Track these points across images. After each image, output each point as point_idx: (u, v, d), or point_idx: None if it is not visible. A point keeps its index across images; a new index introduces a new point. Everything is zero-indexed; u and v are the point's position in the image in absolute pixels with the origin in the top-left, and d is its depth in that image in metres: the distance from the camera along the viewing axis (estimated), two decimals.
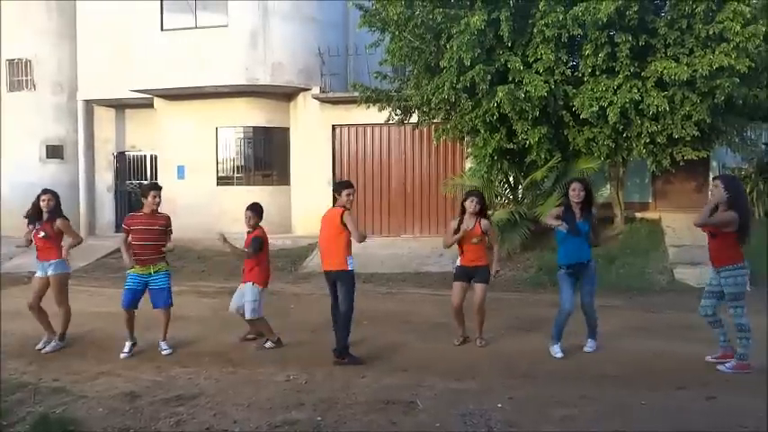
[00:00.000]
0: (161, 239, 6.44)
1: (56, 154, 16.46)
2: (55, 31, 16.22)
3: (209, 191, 14.41)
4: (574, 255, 6.03)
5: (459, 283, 6.49)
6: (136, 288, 6.42)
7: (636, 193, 14.05)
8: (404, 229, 14.25)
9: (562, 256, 6.10)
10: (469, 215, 6.41)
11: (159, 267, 6.46)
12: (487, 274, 6.48)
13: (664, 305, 8.35)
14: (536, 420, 4.56)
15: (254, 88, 14.10)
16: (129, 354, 6.45)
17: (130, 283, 6.42)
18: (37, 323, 6.76)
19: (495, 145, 10.82)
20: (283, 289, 10.27)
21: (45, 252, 6.60)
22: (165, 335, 6.59)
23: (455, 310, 6.50)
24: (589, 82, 10.24)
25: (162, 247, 6.45)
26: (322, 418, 4.67)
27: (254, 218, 6.76)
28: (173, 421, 4.67)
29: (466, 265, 6.47)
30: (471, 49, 9.69)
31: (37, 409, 4.91)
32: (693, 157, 10.69)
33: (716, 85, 9.55)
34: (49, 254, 6.59)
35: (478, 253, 6.44)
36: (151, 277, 6.43)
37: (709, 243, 5.65)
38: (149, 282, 6.44)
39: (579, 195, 6.00)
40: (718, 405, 4.81)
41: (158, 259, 6.45)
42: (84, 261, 12.61)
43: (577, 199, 6.01)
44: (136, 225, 6.42)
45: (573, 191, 6.03)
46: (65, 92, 16.31)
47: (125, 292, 6.44)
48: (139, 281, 6.42)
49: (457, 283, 6.51)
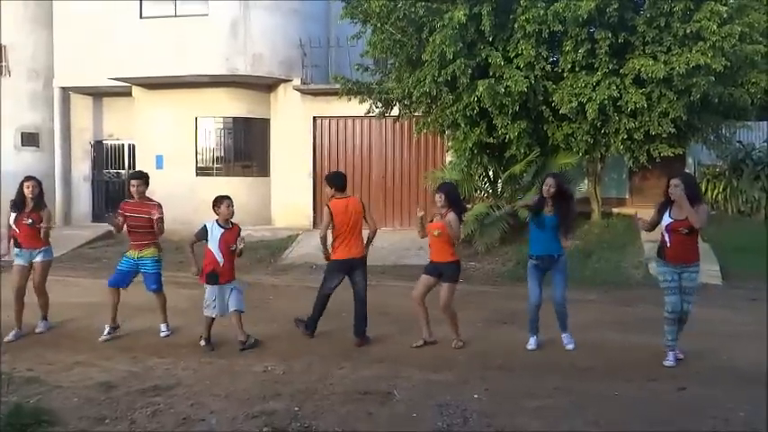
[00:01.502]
0: (148, 226, 6.52)
1: (31, 142, 16.18)
2: (31, 16, 15.90)
3: (188, 181, 14.28)
4: (543, 246, 6.10)
5: (425, 276, 6.31)
6: (123, 269, 6.57)
7: (613, 189, 14.23)
8: (384, 222, 14.25)
9: (531, 247, 6.20)
10: (438, 208, 6.27)
11: (146, 253, 6.54)
12: (454, 273, 6.24)
13: (638, 299, 8.48)
14: (511, 411, 4.63)
15: (234, 78, 13.99)
16: (108, 338, 6.50)
17: (121, 264, 6.61)
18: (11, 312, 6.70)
19: (476, 139, 10.88)
20: (262, 280, 10.26)
21: (31, 240, 6.64)
22: (164, 317, 6.70)
23: (414, 303, 6.32)
24: (569, 78, 10.34)
25: (151, 234, 6.56)
26: (299, 408, 4.68)
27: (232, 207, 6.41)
28: (149, 411, 4.65)
29: (433, 260, 6.30)
30: (453, 43, 9.72)
31: (11, 399, 4.85)
32: (670, 153, 10.84)
33: (692, 83, 9.70)
34: (35, 241, 6.66)
35: (441, 248, 6.20)
36: (139, 261, 6.55)
37: (681, 241, 5.53)
38: (139, 265, 6.56)
39: (549, 191, 6.01)
40: (689, 396, 4.92)
41: (147, 245, 6.56)
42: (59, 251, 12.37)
43: (547, 194, 6.02)
44: (127, 211, 6.57)
45: (545, 185, 6.06)
46: (41, 79, 16.01)
47: (115, 272, 6.61)
48: (129, 263, 6.58)
49: (422, 276, 6.35)
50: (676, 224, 5.53)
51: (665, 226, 5.61)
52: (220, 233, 6.19)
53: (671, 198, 5.52)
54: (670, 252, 5.61)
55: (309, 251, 11.90)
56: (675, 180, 5.53)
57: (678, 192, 5.44)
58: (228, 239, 6.20)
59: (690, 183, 5.61)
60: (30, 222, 6.58)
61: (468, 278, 10.05)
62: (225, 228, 6.24)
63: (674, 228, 5.54)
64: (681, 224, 5.50)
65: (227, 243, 6.19)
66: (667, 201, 5.60)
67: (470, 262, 10.99)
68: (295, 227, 13.92)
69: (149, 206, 6.58)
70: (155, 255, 6.62)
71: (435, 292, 6.30)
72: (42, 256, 6.71)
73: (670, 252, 5.61)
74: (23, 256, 6.68)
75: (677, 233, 5.54)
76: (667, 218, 5.59)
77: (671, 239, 5.58)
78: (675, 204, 5.53)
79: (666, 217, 5.60)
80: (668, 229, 5.59)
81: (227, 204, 6.26)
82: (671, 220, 5.56)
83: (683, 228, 5.51)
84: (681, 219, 5.50)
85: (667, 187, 5.58)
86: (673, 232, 5.56)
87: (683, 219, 5.48)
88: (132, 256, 6.58)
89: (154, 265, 6.60)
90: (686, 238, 5.55)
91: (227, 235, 6.21)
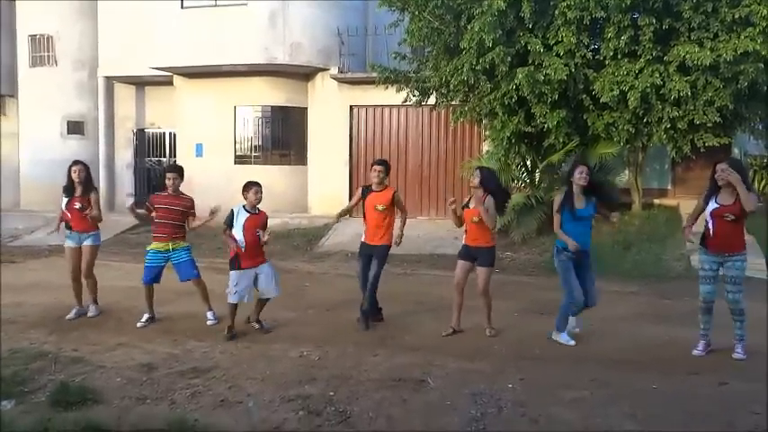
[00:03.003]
0: (181, 220, 6.61)
1: (77, 130, 16.65)
2: (77, 7, 16.33)
3: (227, 169, 14.48)
4: (578, 241, 5.80)
5: (462, 261, 6.28)
6: (155, 264, 6.61)
7: (654, 180, 13.94)
8: (420, 211, 14.25)
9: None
10: (474, 192, 6.18)
11: (178, 244, 6.62)
12: (491, 257, 6.18)
13: (679, 292, 8.29)
14: (546, 402, 4.59)
15: (272, 68, 14.11)
16: (145, 324, 6.64)
17: (151, 259, 6.61)
18: (70, 293, 7.02)
19: (513, 128, 10.75)
20: (298, 267, 10.38)
21: (81, 223, 6.83)
22: (208, 305, 6.76)
23: (455, 288, 6.29)
24: (610, 65, 10.12)
25: (183, 228, 6.65)
26: (334, 393, 4.73)
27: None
28: (188, 393, 4.77)
29: (468, 244, 6.23)
30: (493, 30, 9.60)
31: (57, 378, 5.03)
32: (715, 143, 10.54)
33: (740, 70, 9.40)
34: (85, 225, 6.85)
35: (479, 233, 6.12)
36: (171, 253, 6.60)
37: (725, 228, 5.35)
38: (171, 258, 6.62)
39: (583, 179, 5.76)
40: (730, 391, 4.81)
41: (179, 237, 6.64)
42: (103, 236, 12.72)
43: (584, 182, 5.79)
44: (159, 204, 6.59)
45: (577, 173, 5.80)
46: (86, 68, 16.44)
47: (146, 269, 6.64)
48: (159, 257, 6.61)
49: (459, 261, 6.31)
50: (722, 209, 5.34)
51: (709, 212, 5.42)
52: (245, 218, 6.20)
53: (718, 183, 5.35)
54: (713, 241, 5.45)
55: (345, 239, 11.98)
56: (723, 165, 5.35)
57: (731, 175, 5.23)
58: (253, 225, 6.18)
59: (738, 167, 5.40)
60: (79, 207, 6.77)
61: (504, 268, 10.01)
62: (251, 213, 6.25)
63: (720, 213, 5.35)
64: (727, 209, 5.33)
65: (252, 228, 6.17)
66: (713, 187, 5.42)
67: (506, 252, 10.92)
68: (331, 215, 13.72)
69: (185, 199, 6.67)
70: (187, 245, 6.74)
71: (470, 281, 6.28)
72: (91, 240, 6.90)
73: (713, 241, 5.45)
74: (73, 237, 6.88)
75: (722, 219, 5.36)
76: (713, 203, 5.40)
77: (715, 226, 5.41)
78: (723, 190, 5.36)
79: (712, 203, 5.41)
80: (713, 215, 5.41)
81: (254, 191, 6.27)
82: (716, 206, 5.38)
83: (728, 214, 5.33)
84: (727, 204, 5.33)
85: (713, 173, 5.40)
86: (718, 218, 5.38)
87: (730, 204, 5.31)
88: (162, 249, 6.58)
89: (187, 252, 6.69)
90: (731, 225, 5.36)
91: (252, 220, 6.20)
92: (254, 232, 6.17)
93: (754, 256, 8.87)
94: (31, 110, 16.58)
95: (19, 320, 6.82)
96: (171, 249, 6.60)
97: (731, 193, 5.35)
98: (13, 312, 7.11)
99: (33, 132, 16.55)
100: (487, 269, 6.19)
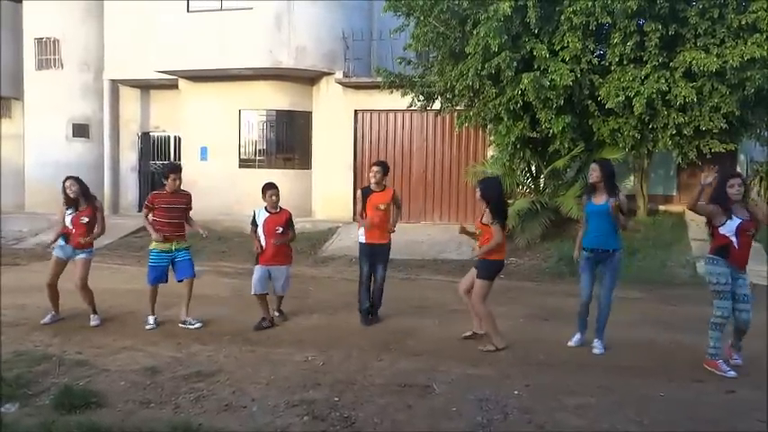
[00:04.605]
0: (182, 217, 6.69)
1: (82, 133, 16.68)
2: (83, 10, 16.38)
3: (231, 173, 14.52)
4: (595, 240, 5.75)
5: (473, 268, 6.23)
6: (159, 264, 6.64)
7: (660, 186, 13.91)
8: (424, 216, 14.24)
9: (585, 239, 5.87)
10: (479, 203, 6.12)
11: (181, 244, 6.68)
12: (485, 270, 5.91)
13: (684, 299, 8.27)
14: (552, 408, 4.56)
15: (277, 71, 14.13)
16: (154, 326, 6.65)
17: (155, 260, 6.63)
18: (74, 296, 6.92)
19: (518, 133, 10.74)
20: (303, 272, 10.36)
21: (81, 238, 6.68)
22: (186, 308, 6.74)
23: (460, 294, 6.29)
24: (616, 71, 10.12)
25: (183, 226, 6.70)
26: (339, 398, 4.71)
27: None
28: (192, 397, 4.75)
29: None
30: (498, 35, 9.60)
31: (61, 381, 5.02)
32: (721, 149, 10.54)
33: (746, 76, 9.39)
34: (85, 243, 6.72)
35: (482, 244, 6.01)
36: (174, 253, 6.65)
37: (748, 243, 5.25)
38: (174, 257, 6.65)
39: (592, 176, 5.75)
40: (737, 399, 4.77)
41: (182, 235, 6.70)
42: (107, 239, 12.77)
43: (592, 179, 5.75)
44: (159, 203, 6.60)
45: (591, 171, 5.81)
46: (91, 71, 16.48)
47: (150, 270, 6.66)
48: (163, 257, 6.63)
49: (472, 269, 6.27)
50: (747, 224, 5.22)
51: (736, 227, 5.22)
52: (265, 217, 6.61)
53: (730, 197, 5.21)
54: (737, 254, 5.26)
55: (349, 243, 11.95)
56: (737, 180, 5.27)
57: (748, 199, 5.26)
58: (274, 223, 6.59)
59: (745, 182, 5.42)
60: (86, 221, 6.70)
61: (509, 274, 9.96)
62: (271, 212, 6.64)
63: (746, 228, 5.23)
64: (751, 225, 5.25)
65: (273, 227, 6.57)
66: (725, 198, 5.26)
67: (511, 258, 10.88)
68: (335, 219, 14.01)
69: (183, 196, 6.72)
70: (188, 244, 6.80)
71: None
72: (85, 254, 6.77)
73: (737, 254, 5.26)
74: (66, 250, 6.74)
75: (746, 235, 5.25)
76: (737, 219, 5.22)
77: (739, 242, 5.25)
78: (737, 204, 5.25)
79: (735, 218, 5.22)
80: (739, 230, 5.24)
81: (269, 194, 6.67)
82: (741, 221, 5.22)
83: (752, 229, 5.26)
84: (747, 219, 5.22)
85: (723, 186, 5.24)
86: (742, 233, 5.24)
87: (748, 219, 5.22)
88: (167, 249, 6.61)
89: (188, 252, 6.77)
90: (751, 240, 5.32)
91: (274, 219, 6.62)
92: (274, 230, 6.54)
93: (758, 263, 8.83)
94: (37, 112, 16.62)
95: (23, 323, 6.81)
96: (174, 249, 6.65)
97: (742, 207, 5.27)
98: (17, 315, 7.11)
99: (38, 135, 16.58)
100: (481, 282, 5.91)
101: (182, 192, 6.74)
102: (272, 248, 6.62)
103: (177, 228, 6.64)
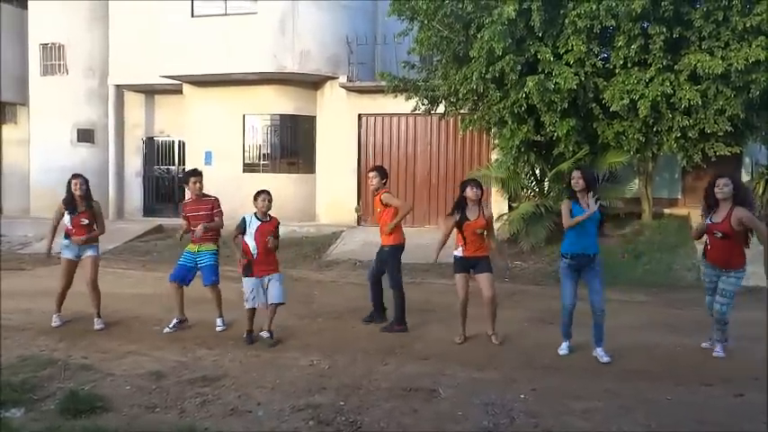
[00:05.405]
0: (208, 221, 6.71)
1: (86, 138, 16.73)
2: (88, 16, 16.46)
3: (235, 177, 14.51)
4: (577, 244, 5.66)
5: (462, 274, 6.26)
6: (184, 264, 6.75)
7: (665, 189, 13.85)
8: (428, 220, 14.22)
9: (565, 245, 5.76)
10: (471, 204, 6.27)
11: (205, 247, 6.72)
12: (490, 263, 6.25)
13: (689, 302, 8.22)
14: (558, 412, 4.54)
15: (281, 76, 14.16)
16: (173, 329, 6.69)
17: (182, 259, 6.78)
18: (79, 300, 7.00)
19: (523, 136, 10.73)
20: (307, 276, 10.36)
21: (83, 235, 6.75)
22: (219, 311, 6.80)
23: (462, 303, 6.27)
24: (620, 74, 10.10)
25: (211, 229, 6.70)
26: (344, 402, 4.70)
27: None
28: (198, 401, 4.74)
29: (467, 255, 6.22)
30: (502, 38, 9.59)
31: (66, 386, 5.02)
32: (726, 152, 10.50)
33: (751, 79, 9.36)
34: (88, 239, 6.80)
35: (480, 243, 6.24)
36: (197, 255, 6.72)
37: (715, 244, 5.63)
38: (198, 260, 6.72)
39: (577, 184, 5.67)
40: (746, 402, 4.74)
41: (207, 239, 6.71)
42: (112, 244, 12.83)
43: (578, 187, 5.67)
44: (187, 212, 6.78)
45: (572, 179, 5.72)
46: (96, 76, 16.55)
47: (175, 267, 6.79)
48: (189, 258, 6.75)
49: (460, 275, 6.26)
50: (713, 226, 5.60)
51: (705, 227, 5.72)
52: (257, 225, 6.27)
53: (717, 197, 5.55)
54: (710, 253, 5.76)
55: (354, 247, 11.96)
56: (723, 179, 5.54)
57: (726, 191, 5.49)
58: (265, 231, 6.24)
59: (738, 184, 5.65)
60: (86, 223, 6.75)
61: (513, 277, 9.96)
62: (262, 220, 6.31)
63: (711, 230, 5.63)
64: (718, 227, 5.55)
65: (264, 235, 6.22)
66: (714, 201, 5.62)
67: (516, 261, 10.88)
68: (340, 223, 14.00)
69: (208, 201, 6.79)
70: (213, 248, 6.78)
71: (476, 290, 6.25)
72: (93, 251, 6.85)
73: (710, 253, 5.76)
74: (73, 250, 6.79)
75: (712, 236, 5.64)
76: (708, 220, 5.67)
77: (710, 241, 5.70)
78: (721, 204, 5.57)
79: (709, 219, 5.67)
80: (707, 231, 5.69)
81: (262, 198, 6.35)
82: (709, 222, 5.65)
83: (716, 231, 5.57)
84: (716, 222, 5.56)
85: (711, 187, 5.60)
86: (709, 234, 5.66)
87: (719, 222, 5.53)
88: (191, 250, 6.73)
89: (212, 257, 6.74)
90: (721, 242, 5.57)
91: (264, 227, 6.27)
92: (265, 239, 6.21)
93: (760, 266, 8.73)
94: (42, 117, 16.69)
95: (28, 328, 6.82)
96: (197, 251, 6.71)
97: (725, 209, 5.54)
98: (23, 319, 7.13)
99: (44, 140, 16.65)
100: (491, 275, 6.23)
101: (206, 197, 6.82)
102: (264, 257, 6.24)
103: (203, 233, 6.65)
